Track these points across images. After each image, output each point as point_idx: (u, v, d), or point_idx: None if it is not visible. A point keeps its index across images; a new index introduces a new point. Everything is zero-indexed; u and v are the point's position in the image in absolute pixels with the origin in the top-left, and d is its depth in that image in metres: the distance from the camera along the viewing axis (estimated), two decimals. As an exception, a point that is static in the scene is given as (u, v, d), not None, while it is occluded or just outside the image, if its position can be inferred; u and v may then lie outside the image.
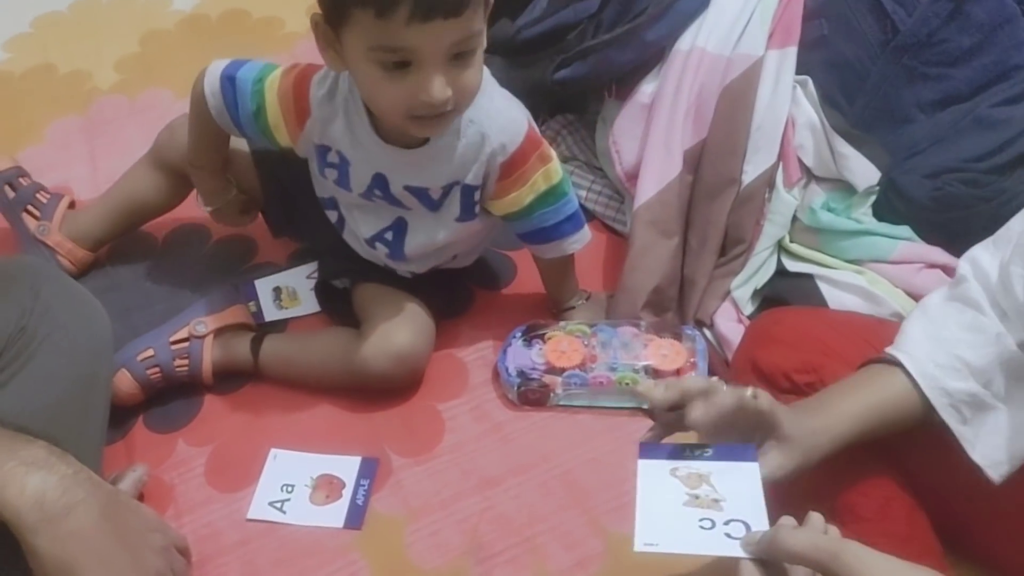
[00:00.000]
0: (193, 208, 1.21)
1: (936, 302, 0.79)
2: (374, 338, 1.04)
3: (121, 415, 1.05)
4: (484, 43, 0.85)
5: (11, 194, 1.21)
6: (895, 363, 0.75)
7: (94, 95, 1.56)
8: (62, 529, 0.70)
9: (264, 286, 1.22)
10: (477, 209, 1.02)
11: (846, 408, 0.73)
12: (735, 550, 0.57)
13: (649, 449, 0.69)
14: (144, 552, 0.77)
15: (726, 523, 0.59)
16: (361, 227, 1.05)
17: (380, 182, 0.98)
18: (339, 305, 1.15)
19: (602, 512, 0.96)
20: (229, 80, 0.98)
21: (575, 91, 1.32)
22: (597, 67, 1.27)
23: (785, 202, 1.11)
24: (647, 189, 1.15)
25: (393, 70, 0.81)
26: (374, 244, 1.06)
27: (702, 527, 0.59)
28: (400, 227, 1.03)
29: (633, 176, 1.21)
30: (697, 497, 0.62)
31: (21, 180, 1.23)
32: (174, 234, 1.30)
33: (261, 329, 1.14)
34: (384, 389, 1.07)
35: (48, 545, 0.69)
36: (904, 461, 0.80)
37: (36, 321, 0.85)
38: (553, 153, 1.01)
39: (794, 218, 1.13)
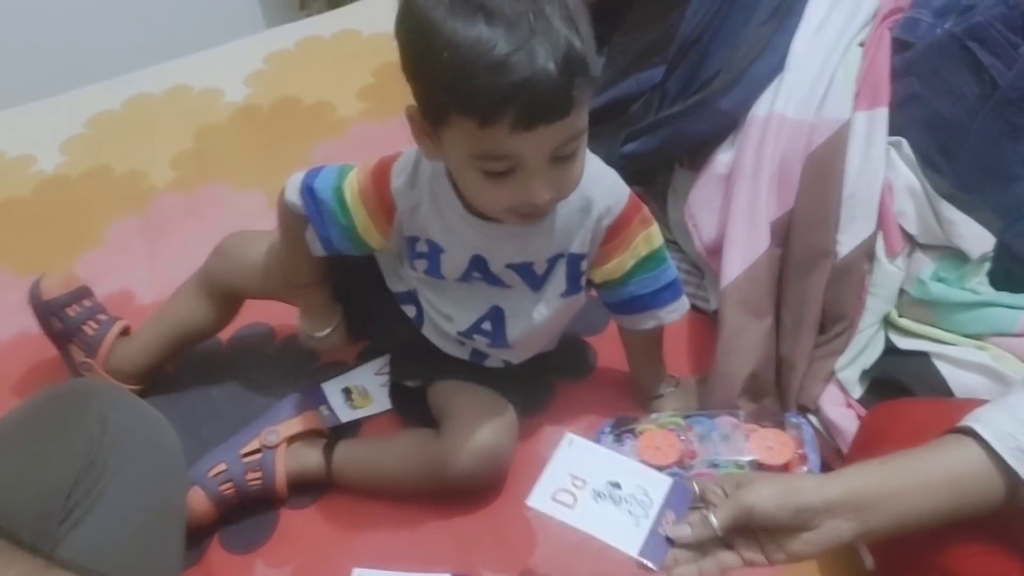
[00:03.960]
0: (255, 305, 1.17)
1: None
2: (457, 435, 0.98)
3: (196, 535, 1.00)
4: (586, 138, 0.80)
5: (58, 326, 1.15)
6: (966, 433, 0.69)
7: (151, 194, 1.54)
8: None
9: (333, 388, 1.17)
10: (583, 281, 0.97)
11: (911, 480, 0.69)
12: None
13: None
14: None
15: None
16: (454, 320, 1.00)
17: (479, 263, 0.93)
18: (412, 404, 1.09)
19: (720, 632, 0.87)
20: (309, 191, 0.94)
21: (644, 166, 1.26)
22: (668, 140, 1.22)
23: (889, 274, 1.03)
24: (733, 266, 1.09)
25: (495, 176, 0.78)
26: (471, 336, 1.00)
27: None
28: (497, 315, 0.98)
29: (715, 251, 1.15)
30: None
31: (74, 306, 1.16)
32: (238, 335, 1.25)
33: (333, 434, 1.09)
34: (467, 490, 1.01)
35: None
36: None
37: (105, 453, 0.82)
38: (652, 217, 0.96)
39: (901, 291, 1.05)
